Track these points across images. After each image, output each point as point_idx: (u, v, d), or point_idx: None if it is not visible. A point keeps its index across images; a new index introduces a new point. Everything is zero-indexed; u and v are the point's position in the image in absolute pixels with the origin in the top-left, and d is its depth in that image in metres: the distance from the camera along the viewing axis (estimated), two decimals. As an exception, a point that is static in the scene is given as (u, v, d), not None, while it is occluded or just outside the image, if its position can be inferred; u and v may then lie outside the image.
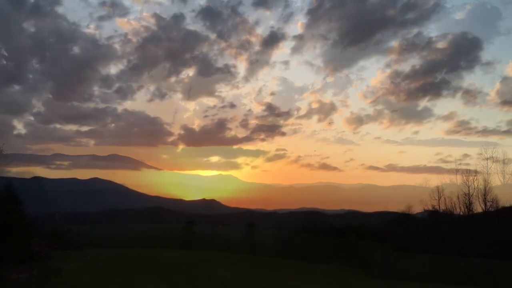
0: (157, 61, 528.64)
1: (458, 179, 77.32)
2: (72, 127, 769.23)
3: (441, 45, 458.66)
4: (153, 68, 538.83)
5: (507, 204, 71.58)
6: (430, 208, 79.50)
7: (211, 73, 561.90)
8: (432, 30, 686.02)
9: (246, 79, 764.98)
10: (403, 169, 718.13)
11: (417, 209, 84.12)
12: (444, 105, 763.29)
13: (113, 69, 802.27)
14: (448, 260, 62.88)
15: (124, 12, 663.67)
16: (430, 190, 79.69)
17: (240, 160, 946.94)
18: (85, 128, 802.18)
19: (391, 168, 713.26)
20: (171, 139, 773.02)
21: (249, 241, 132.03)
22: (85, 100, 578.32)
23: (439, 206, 77.66)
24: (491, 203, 72.02)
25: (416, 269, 67.42)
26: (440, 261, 65.34)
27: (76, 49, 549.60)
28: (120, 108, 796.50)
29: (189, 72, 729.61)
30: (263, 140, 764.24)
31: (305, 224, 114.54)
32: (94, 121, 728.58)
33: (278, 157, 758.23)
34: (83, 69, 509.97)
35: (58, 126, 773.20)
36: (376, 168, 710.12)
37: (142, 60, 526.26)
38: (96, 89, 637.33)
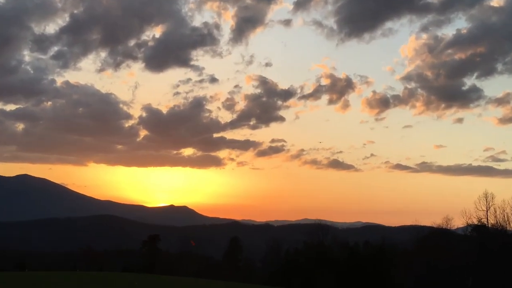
0: (111, 17, 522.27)
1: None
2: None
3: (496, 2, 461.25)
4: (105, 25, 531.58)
5: None
6: (475, 222, 79.56)
7: (185, 34, 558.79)
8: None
9: (233, 43, 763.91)
10: (440, 169, 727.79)
11: (457, 223, 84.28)
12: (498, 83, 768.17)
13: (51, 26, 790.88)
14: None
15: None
16: (476, 197, 79.51)
17: (223, 153, 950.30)
18: (11, 107, 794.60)
19: (425, 167, 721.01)
20: (129, 123, 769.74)
21: (233, 262, 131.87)
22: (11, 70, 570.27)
23: (488, 219, 77.67)
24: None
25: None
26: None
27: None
28: (59, 80, 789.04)
29: (155, 32, 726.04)
30: (254, 127, 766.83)
31: (309, 240, 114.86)
32: (23, 98, 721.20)
33: (273, 150, 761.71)
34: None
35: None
36: (405, 168, 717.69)
37: (90, 15, 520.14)
38: (26, 54, 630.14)
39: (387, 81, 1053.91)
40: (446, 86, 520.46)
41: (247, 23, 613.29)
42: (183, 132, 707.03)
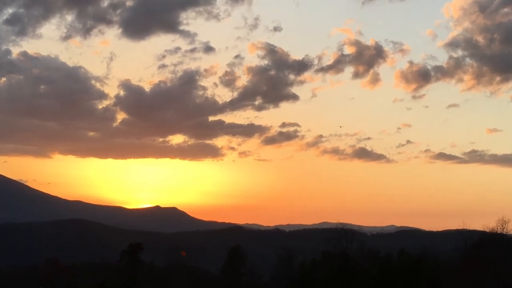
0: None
1: None
2: None
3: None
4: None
5: None
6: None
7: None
8: None
9: (232, 2, 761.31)
10: (494, 159, 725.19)
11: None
12: None
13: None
14: None
15: None
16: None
17: (221, 141, 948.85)
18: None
19: (475, 157, 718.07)
20: (103, 104, 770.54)
21: (234, 277, 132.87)
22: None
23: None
24: None
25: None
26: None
27: None
28: (15, 50, 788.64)
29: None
30: (259, 108, 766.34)
31: (329, 248, 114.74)
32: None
33: (284, 137, 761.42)
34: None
35: None
36: (450, 158, 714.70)
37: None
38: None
39: (427, 49, 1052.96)
40: (501, 54, 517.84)
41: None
42: (171, 115, 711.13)
